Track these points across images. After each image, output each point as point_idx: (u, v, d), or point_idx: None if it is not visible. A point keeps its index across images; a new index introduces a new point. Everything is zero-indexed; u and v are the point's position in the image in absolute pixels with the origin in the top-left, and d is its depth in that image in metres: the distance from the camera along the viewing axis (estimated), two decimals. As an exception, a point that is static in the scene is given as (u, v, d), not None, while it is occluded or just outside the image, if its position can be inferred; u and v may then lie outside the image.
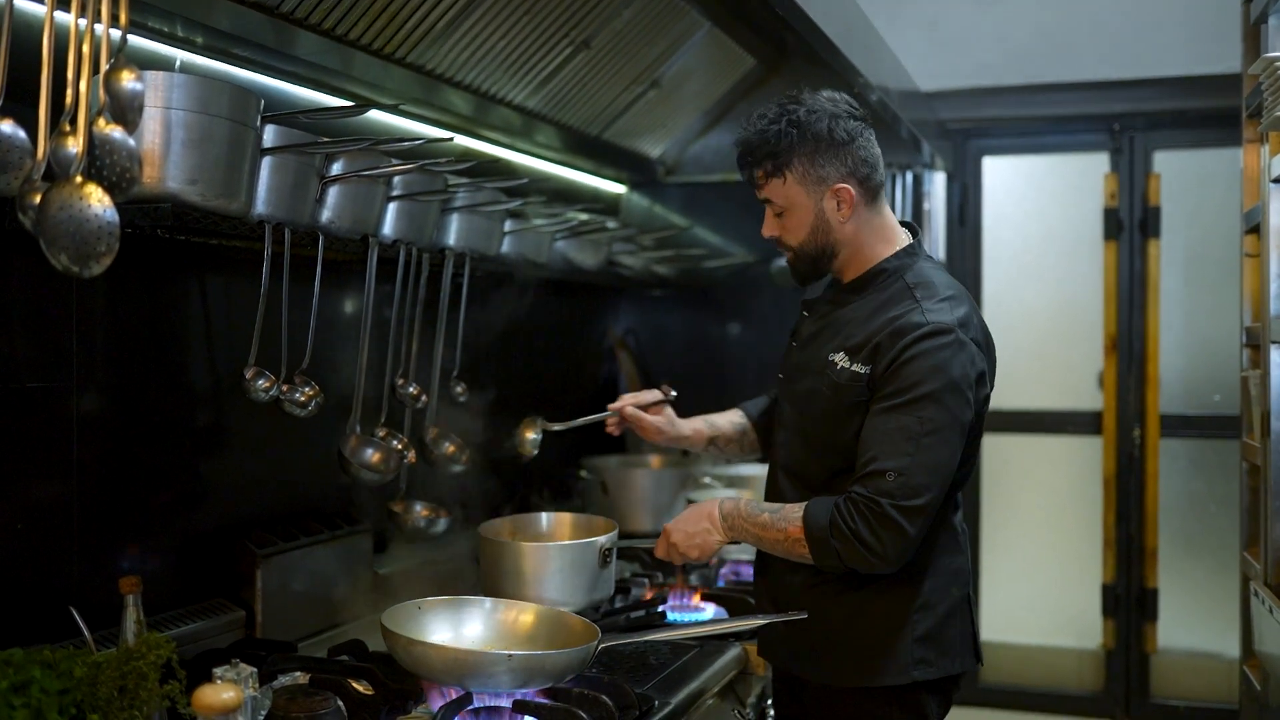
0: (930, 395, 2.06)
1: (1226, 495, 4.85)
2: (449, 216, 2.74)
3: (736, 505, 2.25)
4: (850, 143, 2.20)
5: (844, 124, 2.20)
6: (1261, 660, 3.19)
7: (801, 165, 2.19)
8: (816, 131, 2.18)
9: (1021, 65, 5.25)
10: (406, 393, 2.68)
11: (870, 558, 2.06)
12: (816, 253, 2.25)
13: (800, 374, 2.30)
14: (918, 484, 2.05)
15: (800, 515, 2.13)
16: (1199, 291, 5.16)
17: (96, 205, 1.47)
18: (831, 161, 2.19)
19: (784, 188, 2.21)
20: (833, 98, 2.24)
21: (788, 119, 2.18)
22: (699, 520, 2.28)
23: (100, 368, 2.20)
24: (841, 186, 2.20)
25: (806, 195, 2.21)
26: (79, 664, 1.67)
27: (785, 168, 2.19)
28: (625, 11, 3.00)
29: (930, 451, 2.06)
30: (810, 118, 2.18)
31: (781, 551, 2.19)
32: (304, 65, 2.50)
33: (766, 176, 2.22)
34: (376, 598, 2.69)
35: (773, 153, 2.19)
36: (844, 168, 2.20)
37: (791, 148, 2.18)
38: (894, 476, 2.04)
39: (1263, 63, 2.83)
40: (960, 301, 2.19)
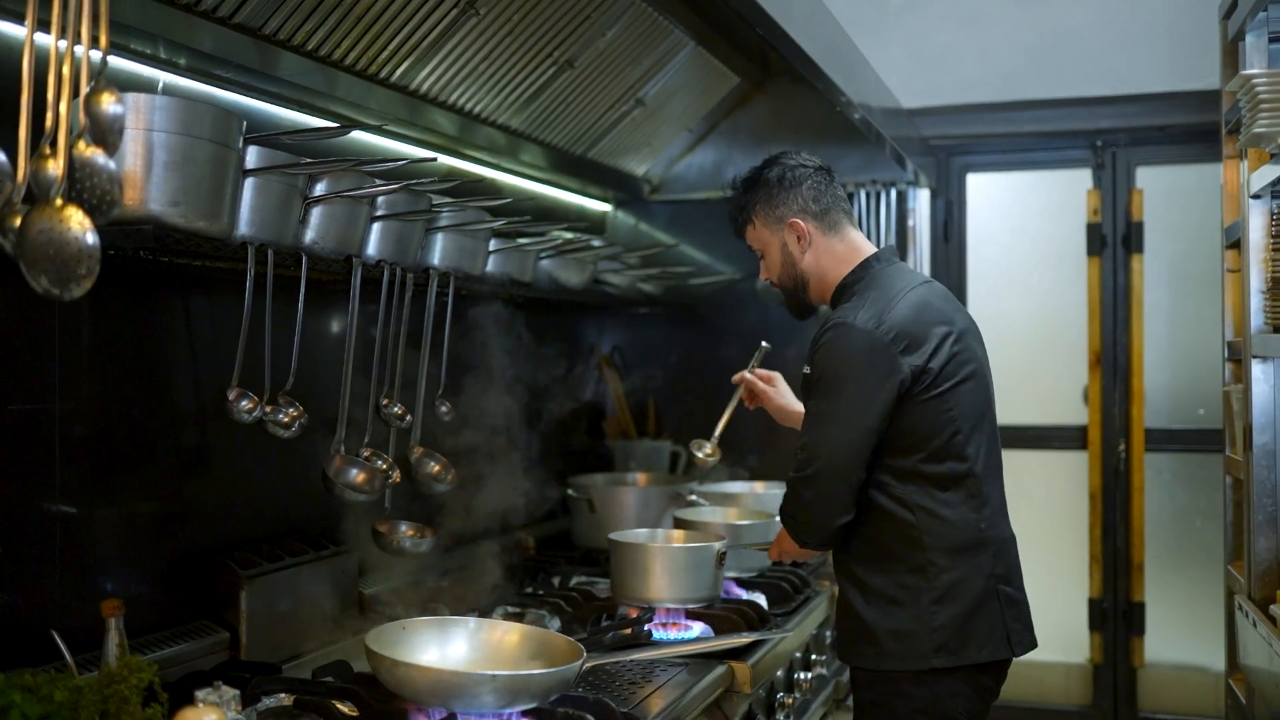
0: (825, 379, 2.42)
1: (1211, 509, 4.86)
2: (433, 236, 2.74)
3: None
4: (800, 184, 2.58)
5: (793, 170, 2.59)
6: (1247, 674, 3.20)
7: (762, 210, 2.60)
8: (770, 178, 2.60)
9: (1004, 82, 5.28)
10: (391, 412, 2.68)
11: (794, 526, 2.48)
12: (792, 284, 2.63)
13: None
14: (811, 455, 2.39)
15: None
16: (1182, 306, 5.19)
17: (77, 228, 1.47)
18: (785, 202, 2.58)
19: (755, 232, 2.64)
20: (795, 153, 2.65)
21: (749, 177, 2.64)
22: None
23: (83, 390, 2.20)
24: (794, 221, 2.57)
25: (771, 234, 2.61)
26: (60, 688, 1.66)
27: (752, 215, 2.62)
28: (609, 31, 3.02)
29: (830, 430, 2.39)
30: (767, 168, 2.61)
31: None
32: (287, 86, 2.51)
33: (744, 225, 2.65)
34: (361, 618, 2.69)
35: (742, 205, 2.63)
36: (796, 205, 2.57)
37: (754, 197, 2.61)
38: (799, 453, 2.42)
39: (1240, 79, 2.86)
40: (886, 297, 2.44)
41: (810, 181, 2.59)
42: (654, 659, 2.60)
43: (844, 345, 2.40)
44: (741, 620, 2.83)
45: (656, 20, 3.10)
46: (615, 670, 2.52)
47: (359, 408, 2.57)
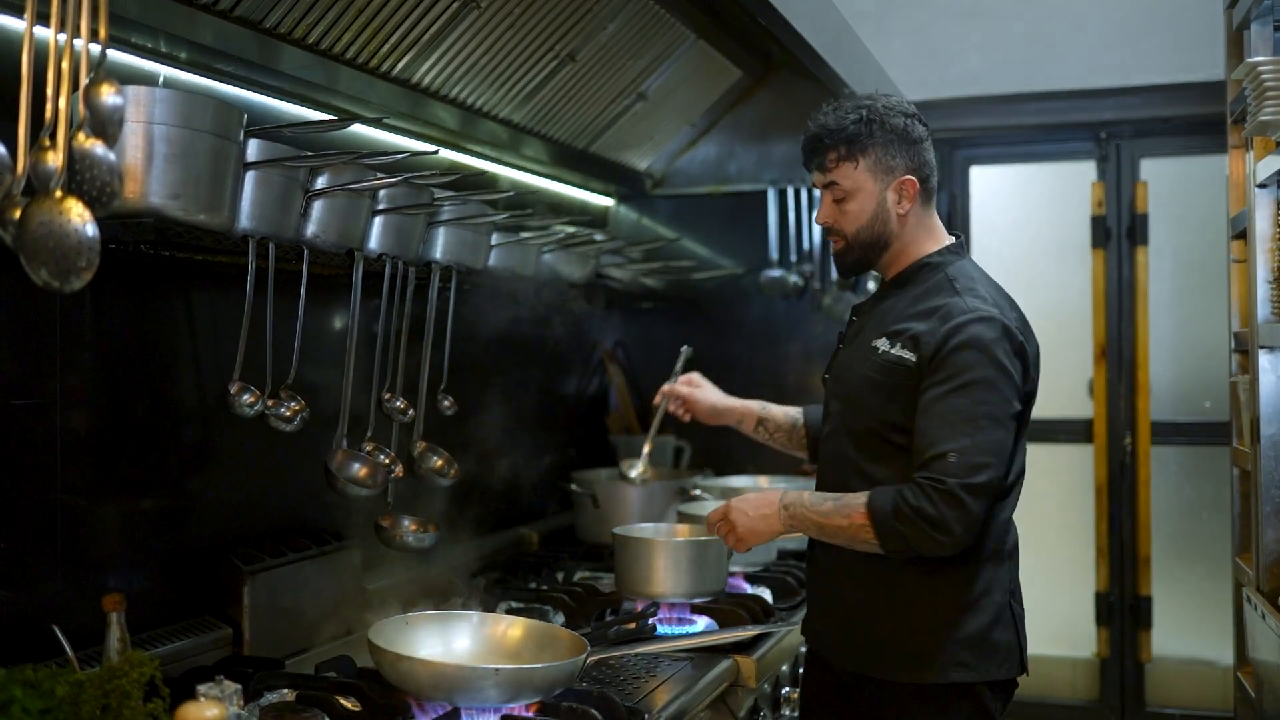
0: (983, 379, 2.15)
1: (1218, 502, 4.85)
2: (435, 230, 2.73)
3: (799, 496, 2.30)
4: (920, 142, 2.34)
5: (916, 124, 2.35)
6: (1255, 667, 3.19)
7: (875, 152, 2.30)
8: (894, 125, 2.31)
9: (1007, 74, 5.26)
10: (393, 407, 2.67)
11: (936, 534, 2.10)
12: (870, 241, 2.34)
13: (847, 370, 2.39)
14: (978, 462, 2.11)
15: (864, 502, 2.17)
16: (1188, 298, 5.17)
17: (76, 220, 1.47)
18: (902, 154, 2.31)
19: (854, 172, 2.31)
20: (903, 101, 2.38)
21: (868, 110, 2.31)
22: (761, 506, 2.34)
23: (84, 384, 2.19)
24: (907, 179, 2.31)
25: (874, 182, 2.31)
26: (61, 683, 1.65)
27: (860, 153, 2.30)
28: (610, 25, 3.01)
29: (986, 432, 2.13)
30: (888, 113, 2.32)
31: (844, 540, 2.23)
32: (289, 80, 2.50)
33: (839, 160, 2.31)
34: (364, 613, 2.67)
35: (851, 137, 2.29)
36: (911, 163, 2.32)
37: (871, 133, 2.29)
38: (955, 457, 2.11)
39: (1245, 68, 2.84)
40: (1000, 295, 2.32)
41: (927, 143, 2.36)
42: (658, 653, 2.59)
43: (993, 340, 2.17)
44: (746, 614, 2.82)
45: (658, 14, 3.09)
46: (620, 665, 2.52)
47: (361, 402, 2.57)
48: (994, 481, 2.14)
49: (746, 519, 2.34)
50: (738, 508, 2.37)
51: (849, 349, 2.42)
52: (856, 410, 2.32)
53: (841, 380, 2.40)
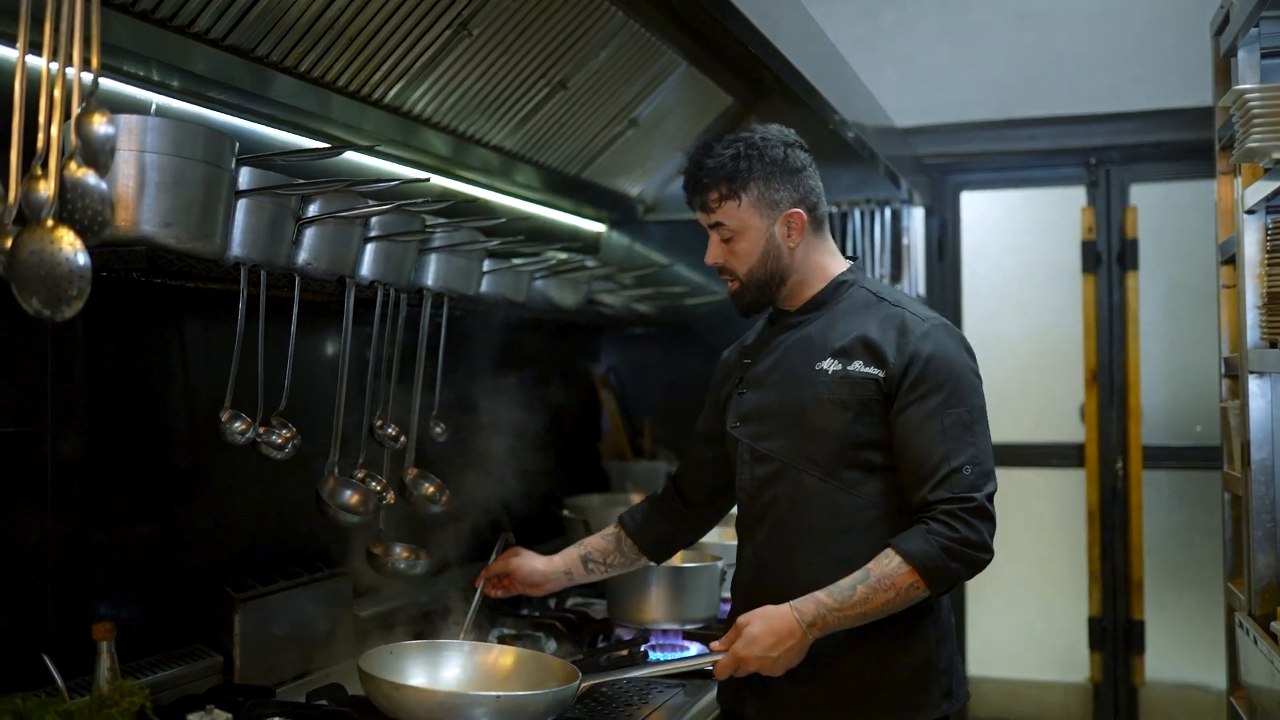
0: (960, 384, 2.14)
1: (1211, 525, 4.84)
2: (427, 257, 2.74)
3: (818, 604, 2.08)
4: (801, 171, 2.27)
5: (796, 153, 2.27)
6: (1248, 691, 3.18)
7: (757, 188, 2.22)
8: (773, 157, 2.23)
9: (997, 101, 5.30)
10: (385, 434, 2.67)
11: (981, 555, 2.08)
12: (765, 279, 2.27)
13: (783, 404, 2.24)
14: (988, 469, 2.12)
15: (900, 562, 2.06)
16: (1178, 323, 5.19)
17: (68, 249, 1.47)
18: (785, 187, 2.24)
19: (738, 211, 2.23)
20: (782, 129, 2.30)
21: (744, 144, 2.23)
22: (779, 639, 2.07)
23: (76, 411, 2.19)
24: (794, 212, 2.24)
25: (760, 219, 2.24)
26: (51, 712, 1.65)
27: (742, 190, 2.22)
28: (602, 52, 3.02)
29: (982, 436, 2.14)
30: (765, 144, 2.24)
31: (891, 610, 2.08)
32: (281, 108, 2.51)
33: (721, 200, 2.23)
34: (356, 641, 2.67)
35: (730, 175, 2.22)
36: (795, 194, 2.25)
37: (750, 170, 2.22)
38: (970, 470, 2.08)
39: (1233, 95, 2.86)
40: (921, 303, 2.31)
41: (810, 169, 2.29)
42: (650, 680, 2.58)
43: (956, 347, 2.18)
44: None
45: (649, 41, 3.11)
46: (612, 693, 2.51)
47: (353, 429, 2.57)
48: (995, 487, 2.12)
49: (769, 662, 2.08)
50: (752, 653, 2.08)
51: (767, 386, 2.28)
52: (816, 439, 2.18)
53: (779, 416, 2.25)
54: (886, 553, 2.08)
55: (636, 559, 2.57)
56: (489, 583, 2.55)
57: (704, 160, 2.25)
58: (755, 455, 2.28)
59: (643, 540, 2.55)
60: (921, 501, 2.10)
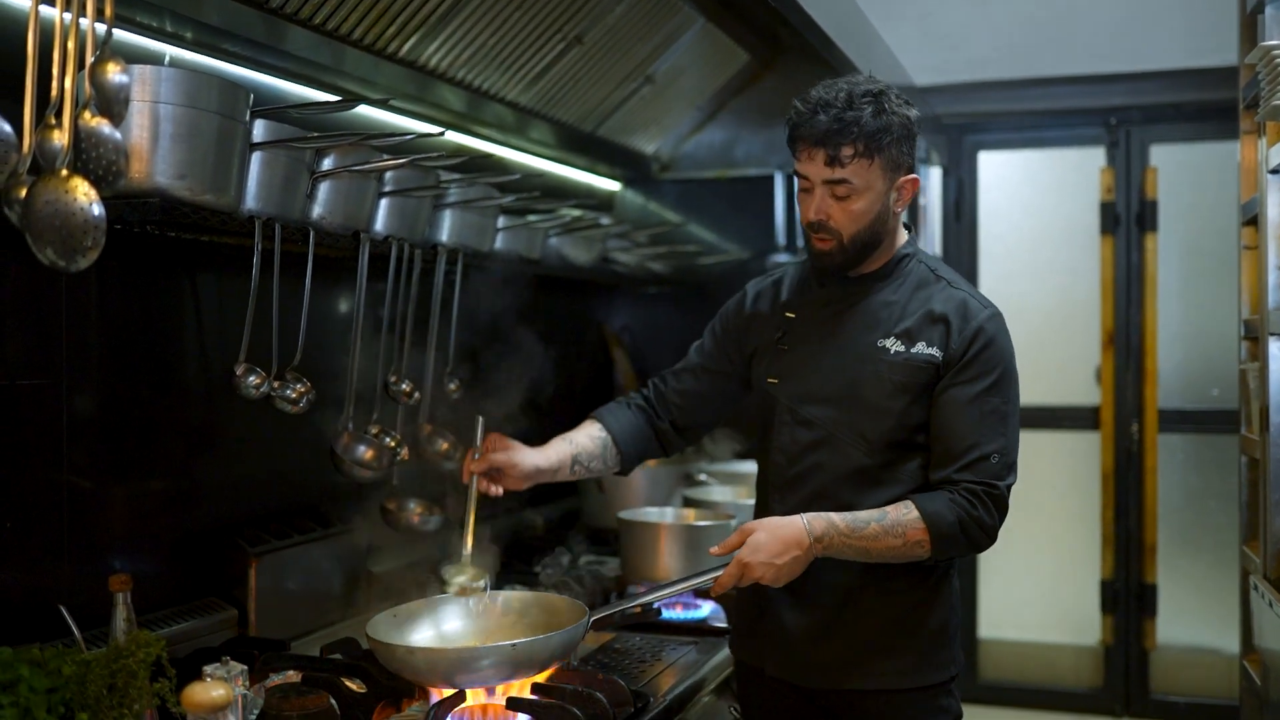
0: (1007, 375, 2.15)
1: (1225, 490, 4.84)
2: (441, 213, 2.73)
3: (830, 524, 2.06)
4: (918, 136, 2.17)
5: (916, 114, 2.15)
6: (1261, 655, 3.18)
7: (892, 150, 2.09)
8: (906, 118, 2.11)
9: (1016, 59, 5.24)
10: (399, 389, 2.67)
11: (987, 540, 2.12)
12: (868, 240, 2.14)
13: (835, 374, 2.18)
14: (1013, 460, 2.13)
15: (917, 517, 2.06)
16: (1196, 285, 5.15)
17: (82, 199, 1.47)
18: (908, 151, 2.13)
19: (868, 170, 2.08)
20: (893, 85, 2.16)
21: (885, 100, 2.08)
22: (786, 548, 2.04)
23: (90, 365, 2.19)
24: (911, 178, 2.15)
25: (884, 181, 2.11)
26: (68, 662, 1.65)
27: (878, 151, 2.07)
28: (618, 7, 2.99)
29: (1013, 428, 2.15)
30: (899, 102, 2.11)
31: (889, 557, 2.08)
32: (295, 61, 2.49)
33: (856, 156, 2.06)
34: (370, 596, 2.68)
35: (871, 133, 2.06)
36: (912, 159, 2.16)
37: (888, 130, 2.07)
38: (997, 459, 2.10)
39: (1260, 51, 2.82)
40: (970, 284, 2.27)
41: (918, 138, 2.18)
42: (663, 637, 2.59)
43: (1007, 338, 2.17)
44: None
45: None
46: (624, 649, 2.52)
47: (367, 384, 2.56)
48: (1016, 475, 2.13)
49: (773, 569, 2.04)
50: (757, 559, 2.04)
51: (821, 353, 2.21)
52: (870, 416, 2.14)
53: (831, 385, 2.18)
54: (906, 503, 2.08)
55: (611, 468, 2.42)
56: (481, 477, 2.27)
57: (843, 112, 2.05)
58: (797, 418, 2.21)
59: (626, 451, 2.40)
60: (946, 479, 2.10)
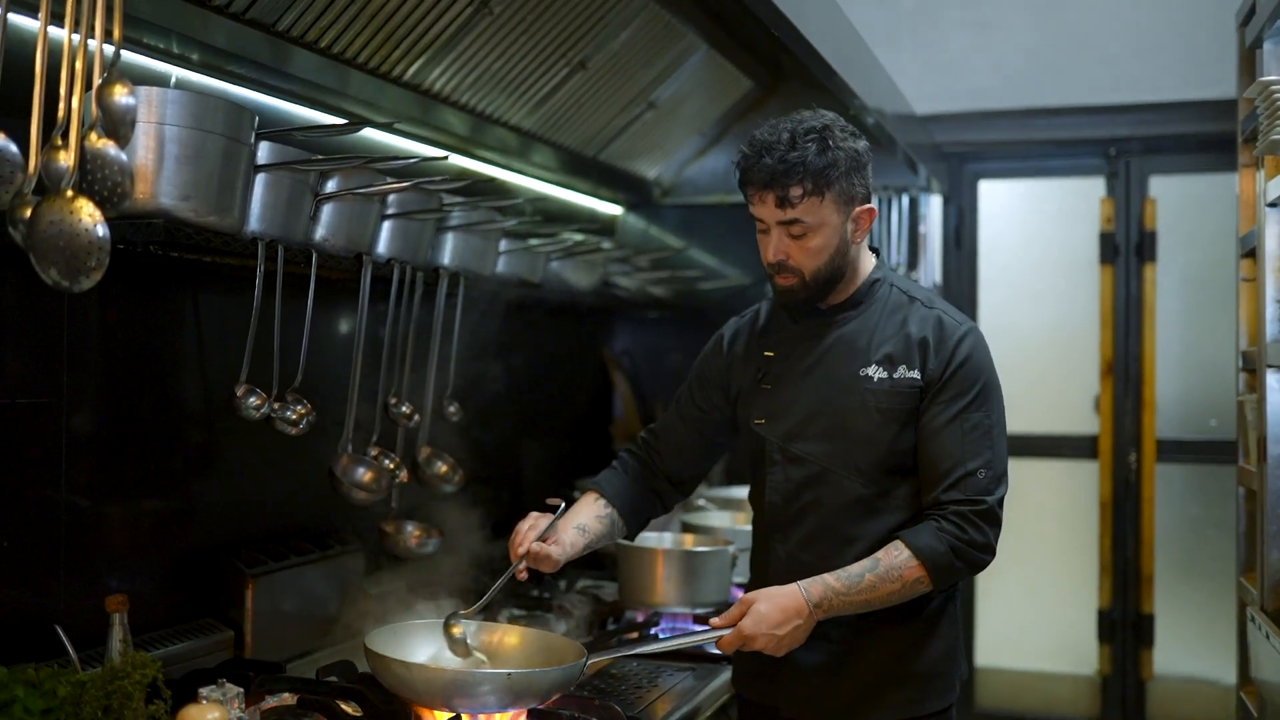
0: (987, 389, 2.14)
1: (1223, 520, 4.83)
2: (444, 236, 2.73)
3: (826, 586, 2.06)
4: (869, 164, 2.16)
5: (864, 144, 2.15)
6: (1258, 687, 3.17)
7: (841, 184, 2.09)
8: (853, 150, 2.11)
9: (1017, 89, 5.26)
10: (399, 412, 2.67)
11: (986, 557, 2.10)
12: (830, 275, 2.15)
13: (824, 405, 2.18)
14: (1001, 473, 2.13)
15: (909, 555, 2.06)
16: (1195, 316, 5.16)
17: (87, 220, 1.47)
18: (860, 183, 2.13)
19: (819, 208, 2.08)
20: (841, 118, 2.17)
21: (828, 136, 2.08)
22: (786, 618, 2.04)
23: (91, 384, 2.19)
24: (866, 208, 2.15)
25: (837, 215, 2.11)
26: (63, 683, 1.65)
27: (827, 187, 2.07)
28: (622, 33, 3.01)
29: (999, 441, 2.14)
30: (843, 136, 2.11)
31: (892, 601, 2.08)
32: (300, 83, 2.50)
33: (805, 195, 2.07)
34: (367, 619, 2.67)
35: (818, 170, 2.06)
36: (866, 189, 2.15)
37: (835, 165, 2.07)
38: (983, 473, 2.09)
39: (1258, 86, 2.84)
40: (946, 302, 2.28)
41: (871, 166, 2.18)
42: (659, 663, 2.58)
43: (986, 353, 2.17)
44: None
45: (670, 23, 3.09)
46: (621, 675, 2.51)
47: (367, 407, 2.57)
48: (1006, 490, 2.13)
49: (774, 640, 2.04)
50: (760, 630, 2.04)
51: (803, 387, 2.20)
52: (862, 447, 2.14)
53: (819, 420, 2.17)
54: (896, 544, 2.08)
55: (617, 537, 2.41)
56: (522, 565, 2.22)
57: (786, 153, 2.06)
58: (789, 456, 2.21)
59: (631, 522, 2.39)
60: (934, 501, 2.10)
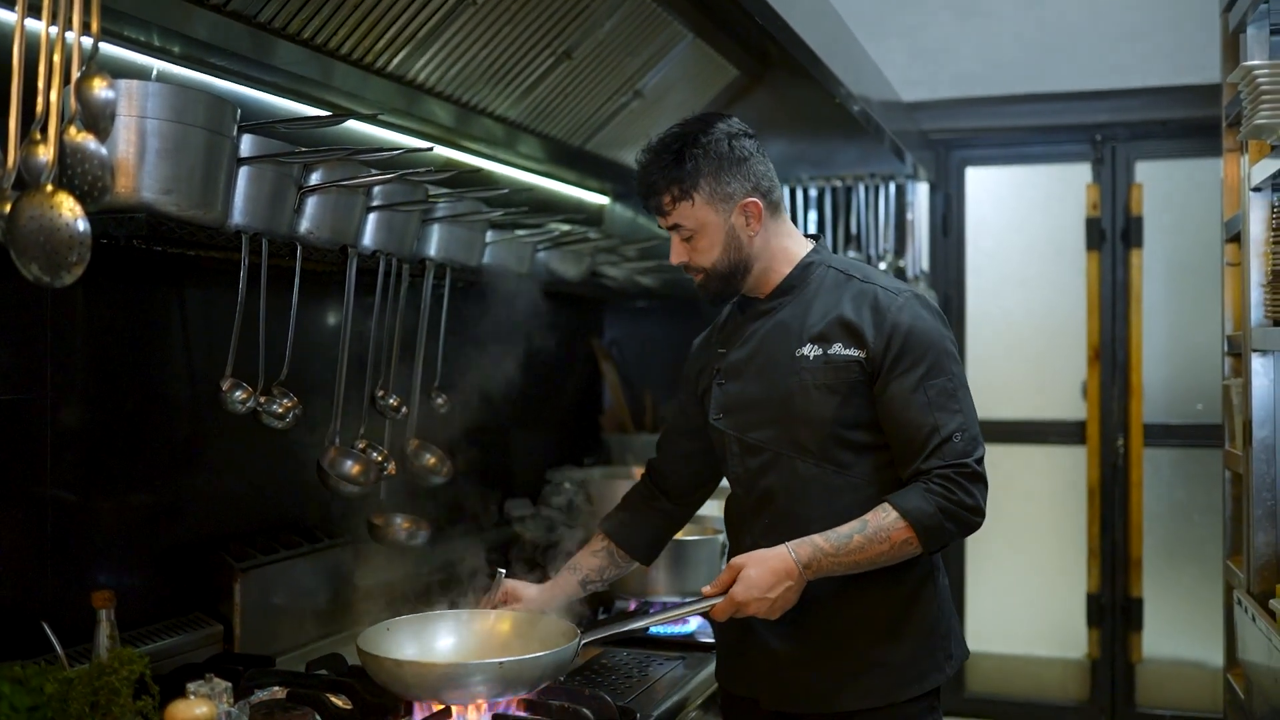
0: (944, 353, 2.16)
1: (1210, 504, 4.85)
2: (430, 227, 2.73)
3: (815, 547, 2.08)
4: (749, 159, 2.20)
5: (741, 142, 2.20)
6: (1245, 669, 3.19)
7: (708, 185, 2.17)
8: (718, 151, 2.17)
9: (1003, 76, 5.27)
10: (386, 404, 2.67)
11: (976, 519, 2.11)
12: (730, 270, 2.22)
13: (768, 393, 2.22)
14: (975, 434, 2.14)
15: (897, 517, 2.07)
16: (1181, 301, 5.18)
17: (67, 214, 1.46)
18: (735, 178, 2.18)
19: (693, 210, 2.18)
20: (725, 119, 2.23)
21: (687, 142, 2.18)
22: (777, 580, 2.07)
23: (75, 380, 2.18)
24: (749, 201, 2.19)
25: (715, 214, 2.18)
26: (50, 680, 1.65)
27: (693, 190, 2.17)
28: (607, 22, 3.00)
29: (969, 403, 2.16)
30: (708, 139, 2.18)
31: (882, 562, 2.09)
32: (283, 75, 2.49)
33: (674, 201, 2.18)
34: (356, 611, 2.67)
35: (678, 177, 2.17)
36: (747, 183, 2.19)
37: (697, 169, 2.16)
38: (960, 436, 2.10)
39: (1241, 71, 2.84)
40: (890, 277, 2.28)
41: (758, 155, 2.22)
42: (650, 654, 2.59)
43: (932, 317, 2.17)
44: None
45: (655, 11, 3.08)
46: (612, 665, 2.51)
47: (354, 399, 2.56)
48: (984, 450, 2.14)
49: (766, 603, 2.06)
50: (750, 595, 2.06)
51: (747, 377, 2.25)
52: (805, 426, 2.17)
53: (764, 406, 2.22)
54: (884, 506, 2.09)
55: (629, 565, 2.48)
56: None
57: (649, 165, 2.20)
58: (745, 446, 2.24)
59: (632, 547, 2.45)
60: (915, 472, 2.11)
